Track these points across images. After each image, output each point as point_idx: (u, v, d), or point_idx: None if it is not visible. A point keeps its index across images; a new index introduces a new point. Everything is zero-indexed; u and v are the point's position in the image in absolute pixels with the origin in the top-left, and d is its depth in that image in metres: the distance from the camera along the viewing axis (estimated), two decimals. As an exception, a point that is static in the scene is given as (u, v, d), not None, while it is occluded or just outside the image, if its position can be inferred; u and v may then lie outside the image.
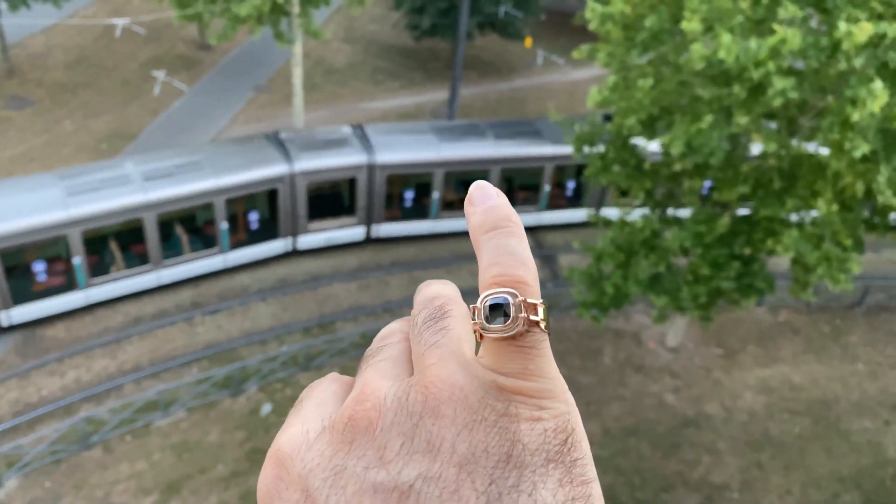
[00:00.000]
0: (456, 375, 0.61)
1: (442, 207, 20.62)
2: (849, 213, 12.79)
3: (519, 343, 0.61)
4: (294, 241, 19.74)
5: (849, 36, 10.49)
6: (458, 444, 0.57)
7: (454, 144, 19.84)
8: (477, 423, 0.58)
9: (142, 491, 14.45)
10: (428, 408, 0.59)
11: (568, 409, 0.61)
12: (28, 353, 16.85)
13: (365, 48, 31.87)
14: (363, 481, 0.57)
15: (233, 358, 17.03)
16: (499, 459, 0.56)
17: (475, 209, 0.70)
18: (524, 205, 21.21)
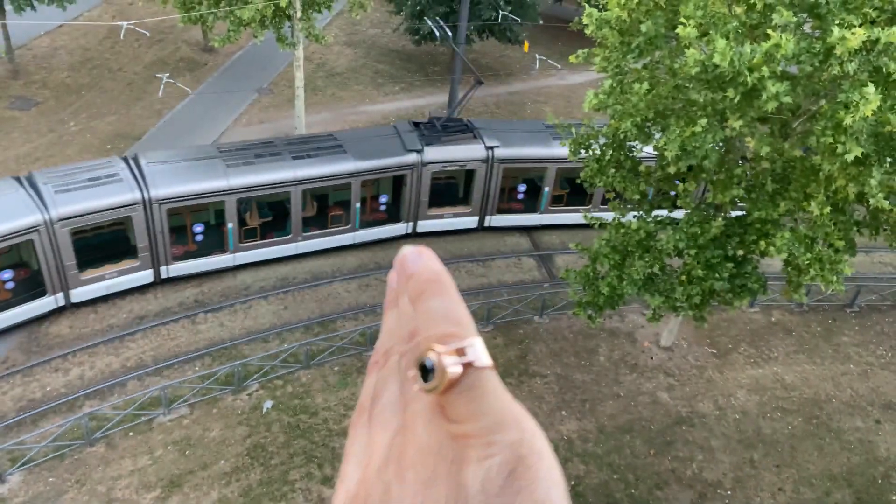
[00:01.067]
0: (421, 436, 0.65)
1: (244, 237, 19.37)
2: (841, 216, 12.94)
3: (457, 389, 0.63)
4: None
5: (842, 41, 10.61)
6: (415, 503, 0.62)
7: (244, 170, 18.51)
8: (432, 480, 0.62)
9: (144, 486, 14.57)
10: (395, 476, 0.65)
11: (521, 435, 0.61)
12: (32, 349, 16.99)
13: (366, 52, 32.08)
14: None
15: (235, 355, 17.19)
16: None
17: (402, 282, 0.74)
18: (335, 225, 20.28)
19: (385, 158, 19.79)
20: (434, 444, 0.63)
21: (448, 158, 20.40)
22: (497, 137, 20.70)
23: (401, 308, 0.74)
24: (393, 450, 0.66)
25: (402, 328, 0.73)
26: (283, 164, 18.89)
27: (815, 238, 12.77)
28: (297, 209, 19.39)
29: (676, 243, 13.74)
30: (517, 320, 19.05)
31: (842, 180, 12.15)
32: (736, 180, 13.30)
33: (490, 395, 0.63)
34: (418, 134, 20.43)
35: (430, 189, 20.62)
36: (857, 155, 11.05)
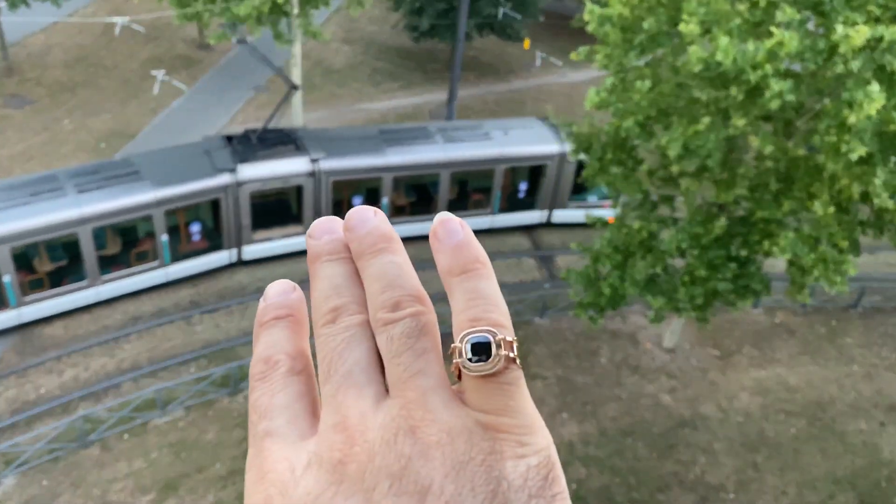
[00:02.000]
0: (443, 415, 0.61)
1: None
2: (845, 216, 12.85)
3: (498, 380, 0.62)
4: None
5: (846, 39, 10.54)
6: (445, 485, 0.58)
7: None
8: (465, 464, 0.59)
9: (139, 489, 14.47)
10: (417, 451, 0.59)
11: (548, 443, 0.62)
12: (26, 351, 16.88)
13: (364, 49, 31.92)
14: None
15: (231, 357, 17.07)
16: (484, 498, 0.57)
17: (442, 248, 0.70)
18: (140, 262, 18.15)
19: (190, 182, 17.64)
20: (462, 427, 0.60)
21: (267, 175, 18.46)
22: (324, 148, 19.19)
23: (369, 269, 0.69)
24: (400, 422, 0.61)
25: (376, 291, 0.67)
26: (67, 199, 16.47)
27: (819, 238, 12.68)
28: (90, 250, 17.05)
29: (679, 243, 13.66)
30: (517, 321, 18.91)
31: (846, 180, 12.07)
32: (739, 179, 13.18)
33: (524, 397, 0.63)
34: (231, 150, 18.46)
35: (251, 211, 18.76)
36: (861, 154, 10.97)
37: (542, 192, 21.50)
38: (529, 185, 21.81)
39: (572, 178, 20.97)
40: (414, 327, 0.65)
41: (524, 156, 20.85)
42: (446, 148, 20.11)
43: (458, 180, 21.04)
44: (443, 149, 20.08)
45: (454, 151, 20.11)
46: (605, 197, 20.35)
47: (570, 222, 21.66)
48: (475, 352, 0.63)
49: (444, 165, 20.11)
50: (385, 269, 0.69)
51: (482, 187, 21.32)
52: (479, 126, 21.34)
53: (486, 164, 20.53)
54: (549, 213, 21.86)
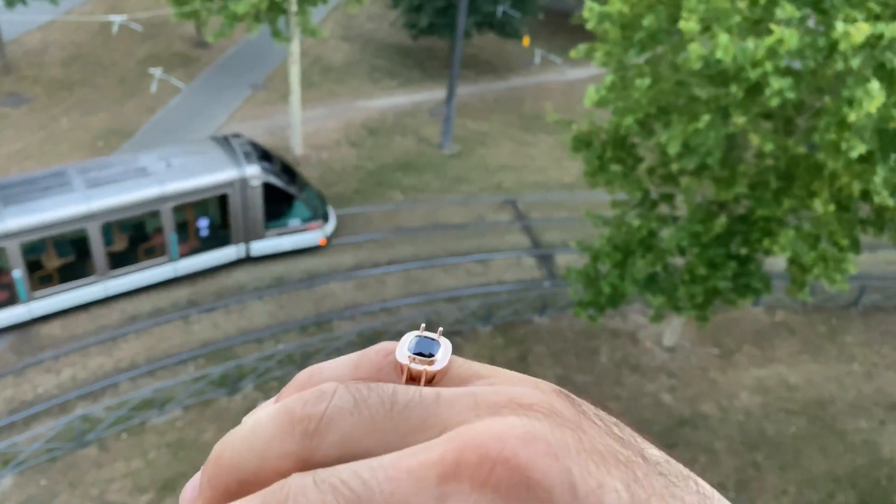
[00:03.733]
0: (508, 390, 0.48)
1: None
2: (845, 214, 12.82)
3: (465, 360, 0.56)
4: None
5: (846, 36, 10.51)
6: (603, 444, 0.47)
7: None
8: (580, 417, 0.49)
9: (137, 489, 14.42)
10: (557, 422, 0.47)
11: None
12: (24, 350, 16.83)
13: (362, 46, 31.86)
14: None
15: (229, 356, 17.03)
16: (618, 442, 0.49)
17: None
18: None
19: None
20: (537, 392, 0.48)
21: None
22: None
23: None
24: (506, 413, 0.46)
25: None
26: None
27: (820, 236, 12.66)
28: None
29: (679, 242, 13.63)
30: (517, 320, 18.88)
31: (846, 177, 12.05)
32: (739, 177, 13.15)
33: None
34: None
35: None
36: (861, 152, 10.95)
37: (232, 225, 18.73)
38: (213, 221, 18.79)
39: (263, 203, 18.62)
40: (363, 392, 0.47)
41: (195, 188, 17.69)
42: (90, 195, 16.66)
43: (118, 230, 17.86)
44: (85, 197, 16.61)
45: (101, 199, 16.68)
46: (308, 218, 19.46)
47: (275, 252, 19.54)
48: (427, 355, 0.52)
49: (90, 218, 16.66)
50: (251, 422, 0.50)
51: (151, 233, 18.19)
52: (134, 160, 18.03)
53: (147, 206, 17.30)
54: (247, 247, 19.23)
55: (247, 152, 18.68)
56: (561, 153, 24.92)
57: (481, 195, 23.40)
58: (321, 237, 19.93)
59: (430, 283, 19.75)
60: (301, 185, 19.74)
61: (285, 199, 19.20)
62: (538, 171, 25.05)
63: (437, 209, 22.58)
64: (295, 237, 19.64)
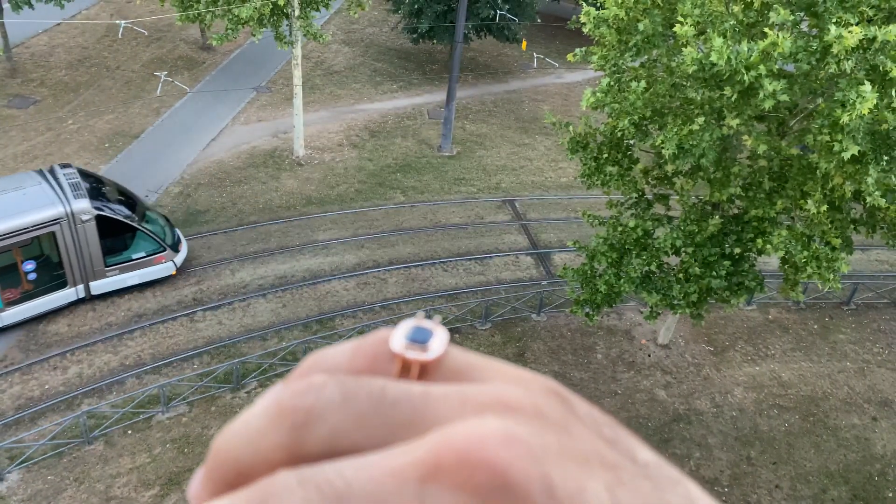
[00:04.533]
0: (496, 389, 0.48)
1: None
2: (838, 214, 12.97)
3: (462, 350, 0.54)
4: None
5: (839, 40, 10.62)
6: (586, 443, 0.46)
7: None
8: (567, 417, 0.48)
9: (143, 484, 14.56)
10: (538, 423, 0.45)
11: None
12: (30, 348, 16.98)
13: (364, 50, 32.10)
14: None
15: (233, 353, 17.20)
16: (604, 441, 0.48)
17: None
18: None
19: None
20: (519, 389, 0.48)
21: None
22: None
23: None
24: (483, 412, 0.46)
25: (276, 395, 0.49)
26: None
27: (812, 236, 12.80)
28: None
29: (674, 241, 13.77)
30: (515, 318, 19.07)
31: (839, 178, 12.18)
32: (733, 178, 13.32)
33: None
34: None
35: None
36: (853, 153, 11.07)
37: (66, 266, 17.19)
38: (41, 262, 17.20)
39: (98, 238, 17.22)
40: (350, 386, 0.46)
41: (13, 229, 16.15)
42: None
43: None
44: None
45: None
46: (154, 250, 18.15)
47: (118, 288, 18.13)
48: (422, 343, 0.50)
49: None
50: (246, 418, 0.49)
51: None
52: None
53: None
54: (86, 287, 17.72)
55: (74, 184, 17.10)
56: (558, 155, 25.16)
57: (480, 196, 23.61)
58: (173, 268, 18.60)
59: (429, 281, 19.94)
60: (143, 215, 18.30)
61: (125, 232, 17.84)
62: (536, 172, 25.25)
63: (437, 209, 22.80)
64: (141, 271, 18.22)
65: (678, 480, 0.46)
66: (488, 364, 0.52)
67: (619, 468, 0.44)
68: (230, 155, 24.15)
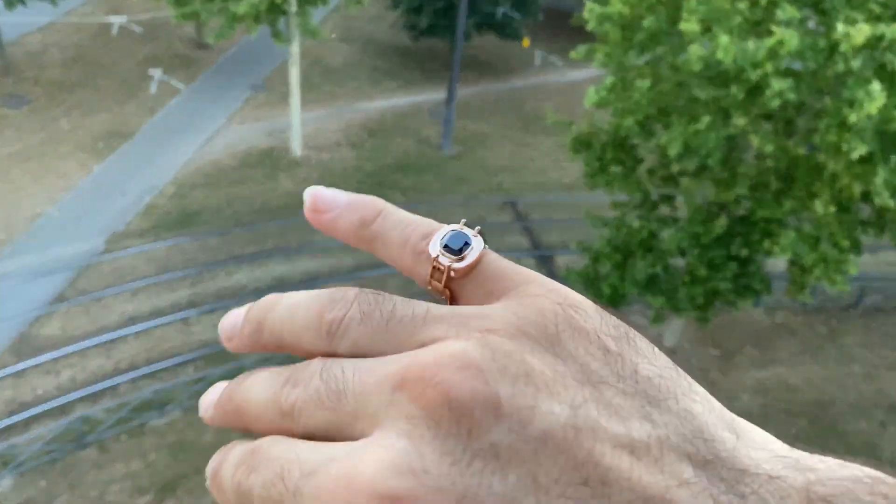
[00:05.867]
0: (487, 311, 0.52)
1: None
2: (846, 215, 12.78)
3: (488, 260, 0.56)
4: None
5: (847, 38, 10.49)
6: (568, 362, 0.49)
7: None
8: (557, 335, 0.50)
9: (137, 490, 14.39)
10: (515, 343, 0.48)
11: (555, 284, 0.56)
12: (23, 351, 16.79)
13: (363, 48, 31.88)
14: (525, 441, 0.44)
15: (229, 358, 16.97)
16: (604, 356, 0.51)
17: (333, 216, 0.64)
18: None
19: None
20: (520, 307, 0.51)
21: None
22: None
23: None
24: (466, 336, 0.50)
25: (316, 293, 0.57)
26: None
27: (820, 237, 12.62)
28: None
29: (679, 243, 13.61)
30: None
31: (846, 179, 12.00)
32: (740, 179, 13.13)
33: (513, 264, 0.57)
34: None
35: None
36: (861, 153, 10.91)
37: None
38: None
39: None
40: (369, 300, 0.54)
41: None
42: None
43: None
44: None
45: None
46: None
47: None
48: (450, 251, 0.56)
49: None
50: (290, 303, 0.57)
51: None
52: None
53: None
54: None
55: None
56: (561, 154, 24.88)
57: (481, 196, 23.40)
58: None
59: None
60: None
61: None
62: (538, 172, 25.04)
63: (438, 210, 22.58)
64: None
65: (679, 395, 0.47)
66: (515, 275, 0.55)
67: (602, 385, 0.47)
68: (226, 154, 23.93)
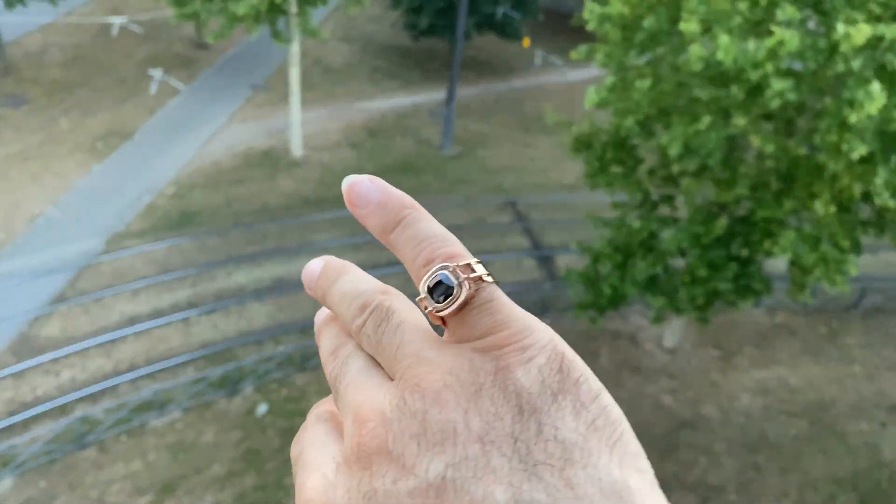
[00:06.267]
0: (439, 360, 0.60)
1: None
2: (846, 215, 12.75)
3: (474, 304, 0.61)
4: None
5: (847, 38, 10.45)
6: (470, 421, 0.56)
7: None
8: (477, 393, 0.57)
9: (137, 491, 14.37)
10: (428, 402, 0.57)
11: (550, 337, 0.60)
12: (23, 351, 16.77)
13: (363, 48, 31.84)
14: (397, 494, 0.55)
15: (228, 358, 16.97)
16: (513, 416, 0.55)
17: (366, 212, 0.71)
18: None
19: None
20: (464, 363, 0.59)
21: None
22: None
23: (329, 296, 0.73)
24: (404, 384, 0.60)
25: (344, 311, 0.70)
26: None
27: (821, 238, 12.59)
28: None
29: (679, 243, 13.58)
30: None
31: (847, 179, 11.98)
32: (740, 179, 13.10)
33: (508, 305, 0.62)
34: None
35: None
36: (862, 153, 10.87)
37: None
38: None
39: None
40: (380, 315, 0.66)
41: None
42: None
43: None
44: None
45: None
46: None
47: None
48: (438, 292, 0.63)
49: None
50: (345, 288, 0.71)
51: None
52: None
53: None
54: None
55: None
56: (561, 154, 24.87)
57: (481, 196, 23.37)
58: None
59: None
60: None
61: None
62: (538, 172, 25.01)
63: (438, 210, 22.49)
64: None
65: (568, 466, 0.53)
66: (496, 321, 0.61)
67: (492, 445, 0.54)
68: (226, 155, 23.90)
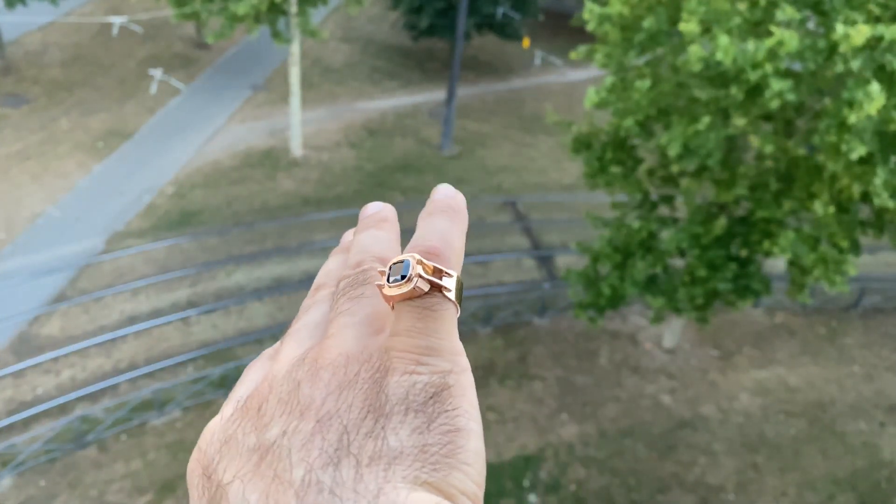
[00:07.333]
0: (348, 342, 0.63)
1: None
2: (845, 215, 12.78)
3: (415, 303, 0.62)
4: None
5: (846, 38, 10.47)
6: (326, 402, 0.59)
7: None
8: (350, 384, 0.59)
9: (137, 490, 14.38)
10: (307, 375, 0.61)
11: (451, 368, 0.60)
12: (22, 351, 16.77)
13: (363, 48, 31.84)
14: (241, 446, 0.60)
15: (228, 357, 16.97)
16: (360, 411, 0.58)
17: (433, 204, 0.74)
18: None
19: None
20: (364, 353, 0.62)
21: None
22: None
23: (353, 243, 0.77)
24: (310, 353, 0.64)
25: (350, 260, 0.74)
26: None
27: (820, 238, 12.62)
28: None
29: (679, 243, 13.60)
30: (517, 322, 18.83)
31: (846, 179, 12.00)
32: (739, 179, 13.12)
33: (440, 323, 0.62)
34: None
35: None
36: (861, 154, 10.88)
37: None
38: None
39: None
40: (359, 280, 0.69)
41: None
42: None
43: None
44: None
45: None
46: None
47: None
48: (394, 273, 0.64)
49: None
50: (362, 240, 0.76)
51: None
52: None
53: None
54: None
55: None
56: (561, 154, 24.90)
57: (481, 196, 23.37)
58: None
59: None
60: None
61: None
62: (538, 172, 25.02)
63: (437, 210, 22.49)
64: None
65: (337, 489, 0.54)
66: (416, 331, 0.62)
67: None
68: (226, 154, 23.91)
